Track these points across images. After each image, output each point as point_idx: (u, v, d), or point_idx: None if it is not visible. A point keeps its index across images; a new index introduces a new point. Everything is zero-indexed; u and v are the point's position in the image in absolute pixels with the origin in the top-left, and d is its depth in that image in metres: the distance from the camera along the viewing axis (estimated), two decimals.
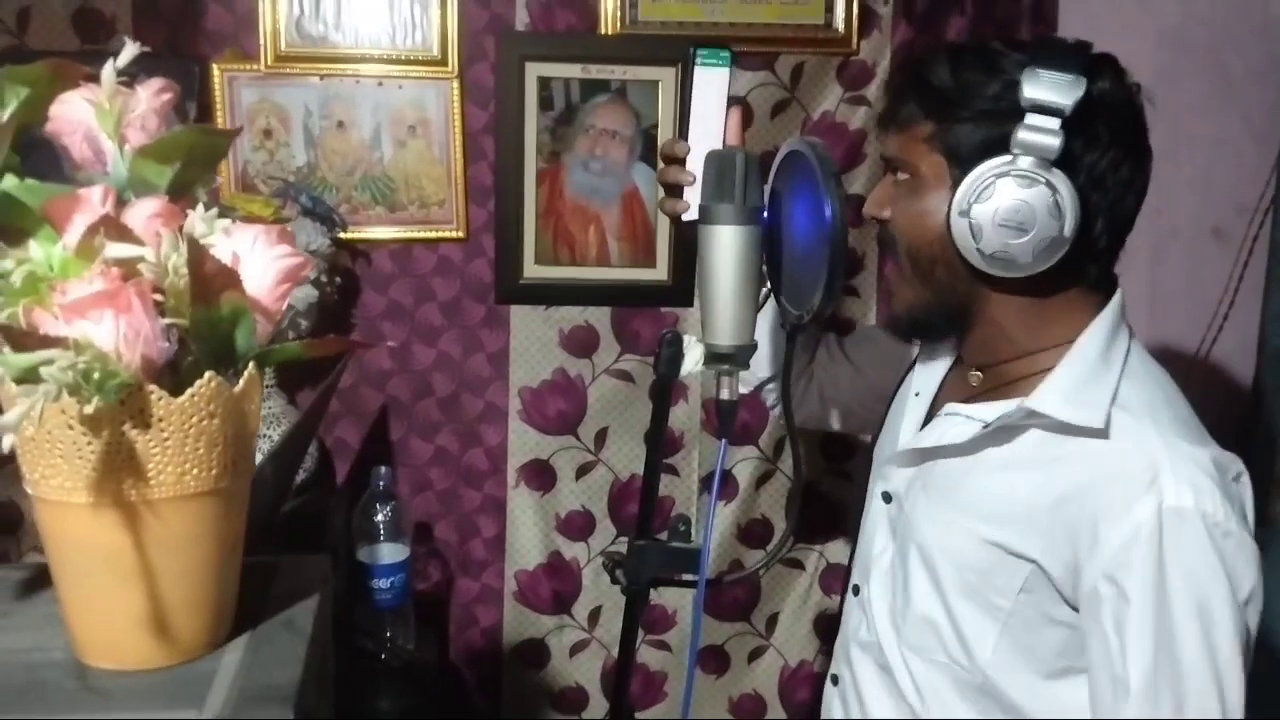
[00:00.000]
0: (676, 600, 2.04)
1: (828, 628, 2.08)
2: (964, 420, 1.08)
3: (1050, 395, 1.01)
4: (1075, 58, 0.95)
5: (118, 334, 0.67)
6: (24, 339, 0.67)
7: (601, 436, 1.97)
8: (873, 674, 1.17)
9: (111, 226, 0.70)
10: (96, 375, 0.67)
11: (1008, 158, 0.96)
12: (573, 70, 1.84)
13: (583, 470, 1.98)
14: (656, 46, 1.83)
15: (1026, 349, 1.07)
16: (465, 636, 2.02)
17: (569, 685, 2.06)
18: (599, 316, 1.94)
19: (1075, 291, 1.05)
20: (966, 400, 1.11)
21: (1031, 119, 0.95)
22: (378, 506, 1.69)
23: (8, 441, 0.65)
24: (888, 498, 1.18)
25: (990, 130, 0.98)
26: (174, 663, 0.78)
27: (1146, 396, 1.01)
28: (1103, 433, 0.98)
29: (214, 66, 1.75)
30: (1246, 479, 0.99)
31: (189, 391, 0.72)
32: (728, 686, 2.11)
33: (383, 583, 1.68)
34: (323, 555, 0.96)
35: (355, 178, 1.83)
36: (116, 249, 0.69)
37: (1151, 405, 1.00)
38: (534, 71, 1.82)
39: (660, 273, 1.93)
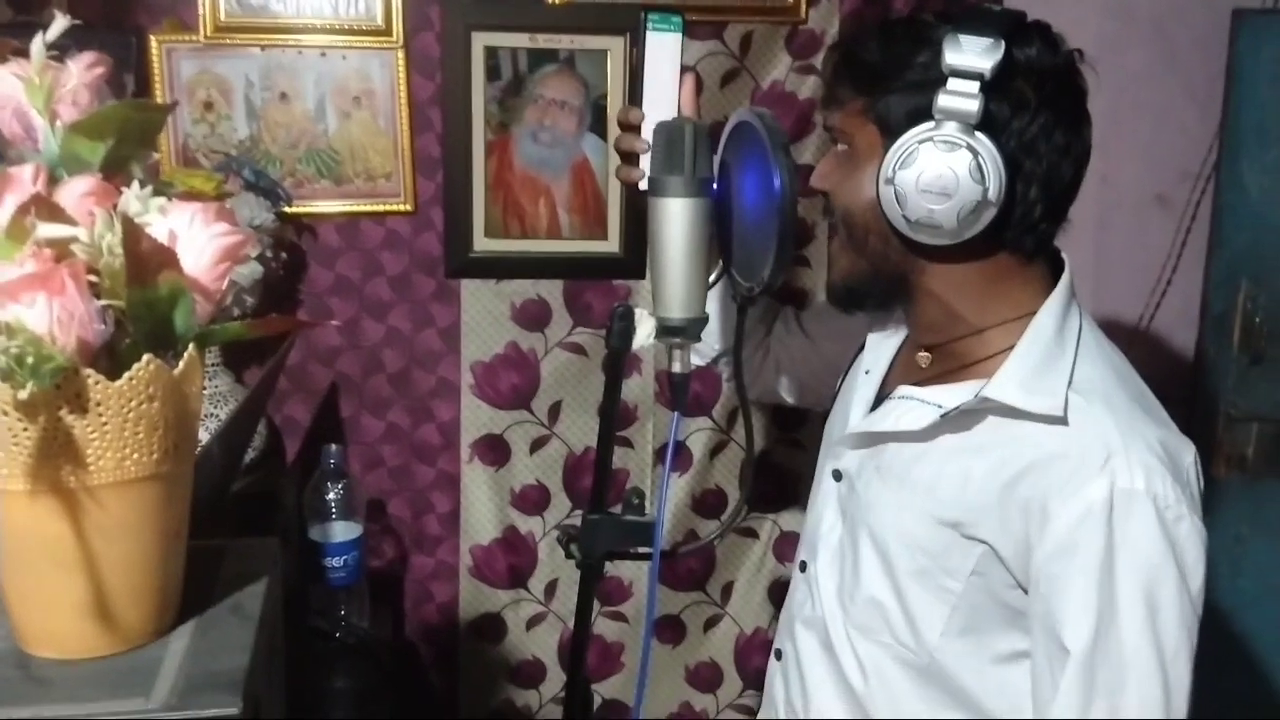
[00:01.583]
0: (632, 572, 2.05)
1: (783, 595, 2.08)
2: (919, 405, 1.07)
3: (1007, 383, 1.00)
4: (998, 23, 0.96)
5: (51, 317, 0.65)
6: None
7: (555, 410, 1.97)
8: (816, 651, 1.17)
9: (43, 206, 0.68)
10: (30, 360, 0.65)
11: (931, 124, 0.96)
12: (520, 40, 1.81)
13: (537, 444, 1.97)
14: (604, 15, 1.80)
15: (975, 326, 1.06)
16: (421, 613, 2.02)
17: (526, 659, 2.06)
18: (551, 290, 1.92)
19: (1016, 264, 1.04)
20: (918, 383, 1.11)
21: (952, 84, 0.95)
22: (329, 484, 1.67)
23: None
24: (838, 476, 1.18)
25: (918, 99, 0.98)
26: (118, 651, 0.77)
27: (1100, 378, 1.01)
28: (1061, 419, 0.98)
29: (151, 38, 1.70)
30: (1198, 464, 1.00)
31: (127, 375, 0.70)
32: (684, 655, 2.12)
33: (336, 561, 1.67)
34: (271, 538, 0.94)
35: (299, 150, 1.80)
36: (48, 229, 0.67)
37: (1105, 387, 1.00)
38: (480, 41, 1.79)
39: (612, 245, 1.92)
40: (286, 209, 1.76)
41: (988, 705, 1.05)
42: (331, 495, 1.67)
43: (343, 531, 1.67)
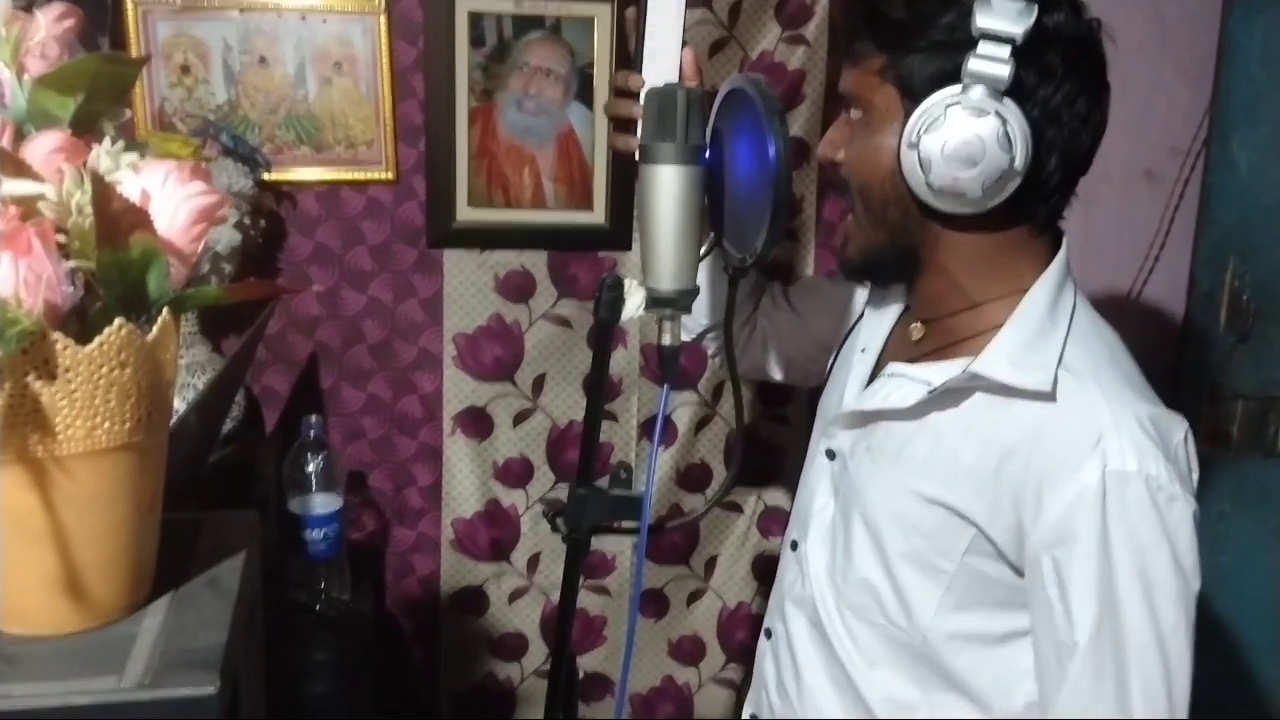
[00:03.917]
0: (615, 545, 2.03)
1: (766, 570, 2.09)
2: (908, 382, 1.06)
3: (996, 358, 0.98)
4: None
5: (17, 278, 0.62)
6: None
7: (539, 383, 1.94)
8: (806, 630, 1.15)
9: (8, 162, 0.65)
10: None
11: (958, 88, 0.94)
12: (505, 5, 1.77)
13: (520, 417, 1.95)
14: None
15: (973, 300, 1.04)
16: (402, 586, 2.00)
17: (508, 632, 2.04)
18: (535, 261, 1.90)
19: (1024, 237, 1.02)
20: (911, 360, 1.09)
21: (982, 48, 0.92)
22: (309, 456, 1.65)
23: None
24: (831, 455, 1.16)
25: (943, 61, 0.95)
26: (90, 627, 0.74)
27: (1091, 356, 0.99)
28: (1049, 396, 0.96)
29: None
30: (1191, 441, 0.98)
31: (97, 340, 0.67)
32: (667, 629, 2.11)
33: (316, 533, 1.64)
34: (249, 510, 0.92)
35: (279, 116, 1.76)
36: (14, 186, 0.64)
37: (1096, 366, 0.98)
38: (464, 6, 1.75)
39: (598, 216, 1.89)
40: (265, 176, 1.73)
41: (979, 684, 1.04)
42: (311, 467, 1.64)
43: (323, 504, 1.65)
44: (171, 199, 0.70)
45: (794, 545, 1.21)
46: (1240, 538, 2.07)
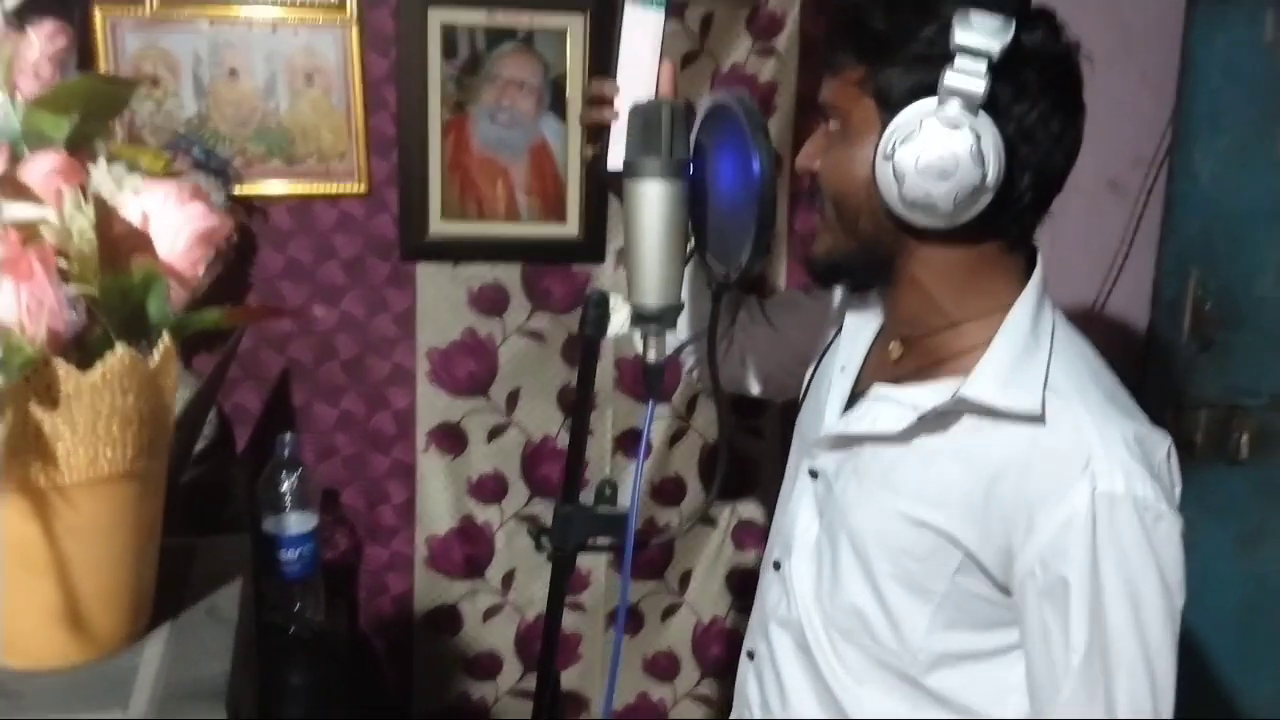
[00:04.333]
0: (590, 561, 2.02)
1: (741, 584, 2.09)
2: (895, 406, 1.05)
3: (985, 381, 0.99)
4: (1009, 3, 0.94)
5: (19, 305, 0.61)
6: None
7: (513, 398, 1.93)
8: (792, 652, 1.15)
9: (7, 184, 0.63)
10: None
11: (934, 102, 0.94)
12: (477, 17, 1.77)
13: (494, 432, 1.94)
14: None
15: (951, 318, 1.05)
16: (376, 604, 1.97)
17: (482, 651, 2.03)
18: (509, 274, 1.89)
19: (999, 253, 1.03)
20: (893, 380, 1.08)
21: (959, 62, 0.92)
22: (282, 475, 1.62)
23: None
24: (814, 474, 1.16)
25: (921, 74, 0.95)
26: (92, 658, 0.72)
27: (1074, 375, 1.00)
28: (1038, 418, 0.97)
29: (96, 9, 1.63)
30: (1174, 456, 0.99)
31: (100, 367, 0.66)
32: (641, 645, 2.10)
33: (290, 553, 1.62)
34: (242, 535, 0.90)
35: (250, 129, 1.73)
36: (15, 209, 0.62)
37: (1080, 385, 0.99)
38: (437, 17, 1.75)
39: (571, 228, 1.88)
40: (236, 189, 1.70)
41: (969, 700, 1.04)
42: (285, 486, 1.62)
43: (297, 523, 1.62)
44: (172, 221, 0.69)
45: (776, 565, 1.20)
46: (1204, 546, 2.09)
